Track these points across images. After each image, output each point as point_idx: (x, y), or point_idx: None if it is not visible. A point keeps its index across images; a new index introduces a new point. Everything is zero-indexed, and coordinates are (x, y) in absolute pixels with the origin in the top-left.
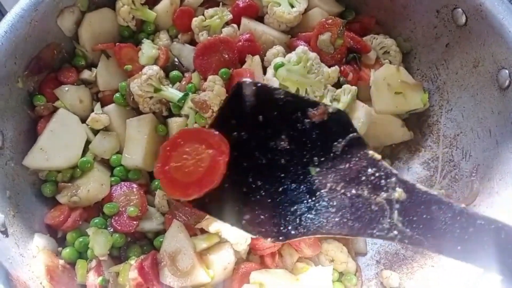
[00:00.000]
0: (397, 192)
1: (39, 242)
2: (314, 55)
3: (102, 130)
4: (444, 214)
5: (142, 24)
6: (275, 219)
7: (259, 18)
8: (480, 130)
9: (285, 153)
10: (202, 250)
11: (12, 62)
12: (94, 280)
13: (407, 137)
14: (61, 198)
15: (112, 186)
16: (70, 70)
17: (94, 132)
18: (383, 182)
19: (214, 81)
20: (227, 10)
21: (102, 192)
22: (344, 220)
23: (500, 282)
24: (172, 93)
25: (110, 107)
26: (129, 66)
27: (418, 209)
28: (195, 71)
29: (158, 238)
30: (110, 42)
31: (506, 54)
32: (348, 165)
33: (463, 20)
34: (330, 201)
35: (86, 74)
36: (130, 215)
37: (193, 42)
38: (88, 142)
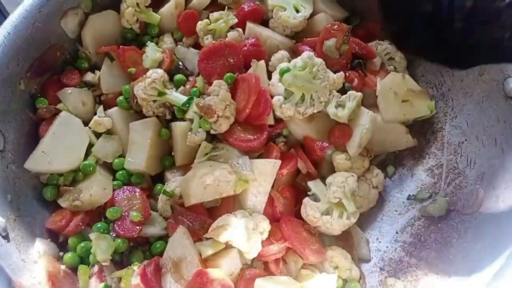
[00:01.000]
0: None
1: (40, 247)
2: (320, 61)
3: (104, 134)
4: None
5: (146, 27)
6: None
7: (264, 23)
8: (485, 138)
9: None
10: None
11: (14, 64)
12: (96, 285)
13: (411, 143)
14: (62, 202)
15: (114, 190)
16: (73, 73)
17: (97, 135)
18: None
19: (219, 85)
20: (232, 14)
21: (105, 196)
22: None
23: None
24: (176, 97)
25: (113, 110)
26: (132, 69)
27: None
28: (200, 75)
29: (156, 243)
30: (113, 45)
31: None
32: None
33: None
34: None
35: (89, 76)
36: (133, 220)
37: (197, 45)
38: (90, 145)
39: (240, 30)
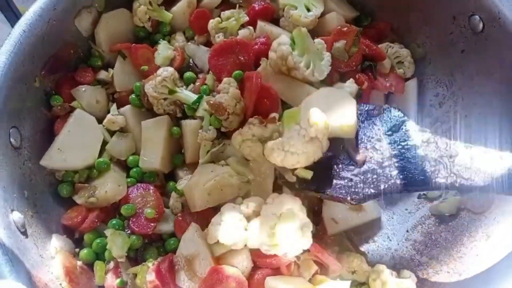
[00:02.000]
0: None
1: (57, 243)
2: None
3: (118, 131)
4: None
5: (158, 25)
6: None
7: (275, 21)
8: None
9: None
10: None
11: (30, 61)
12: (112, 281)
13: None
14: (78, 199)
15: (128, 187)
16: (87, 70)
17: (110, 133)
18: None
19: (229, 83)
20: (243, 12)
21: (120, 193)
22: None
23: None
24: (186, 95)
25: (125, 108)
26: (145, 67)
27: None
28: (210, 73)
29: (170, 240)
30: (125, 43)
31: None
32: None
33: (480, 27)
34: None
35: (103, 74)
36: (147, 217)
37: (208, 43)
38: (104, 143)
39: (251, 28)
